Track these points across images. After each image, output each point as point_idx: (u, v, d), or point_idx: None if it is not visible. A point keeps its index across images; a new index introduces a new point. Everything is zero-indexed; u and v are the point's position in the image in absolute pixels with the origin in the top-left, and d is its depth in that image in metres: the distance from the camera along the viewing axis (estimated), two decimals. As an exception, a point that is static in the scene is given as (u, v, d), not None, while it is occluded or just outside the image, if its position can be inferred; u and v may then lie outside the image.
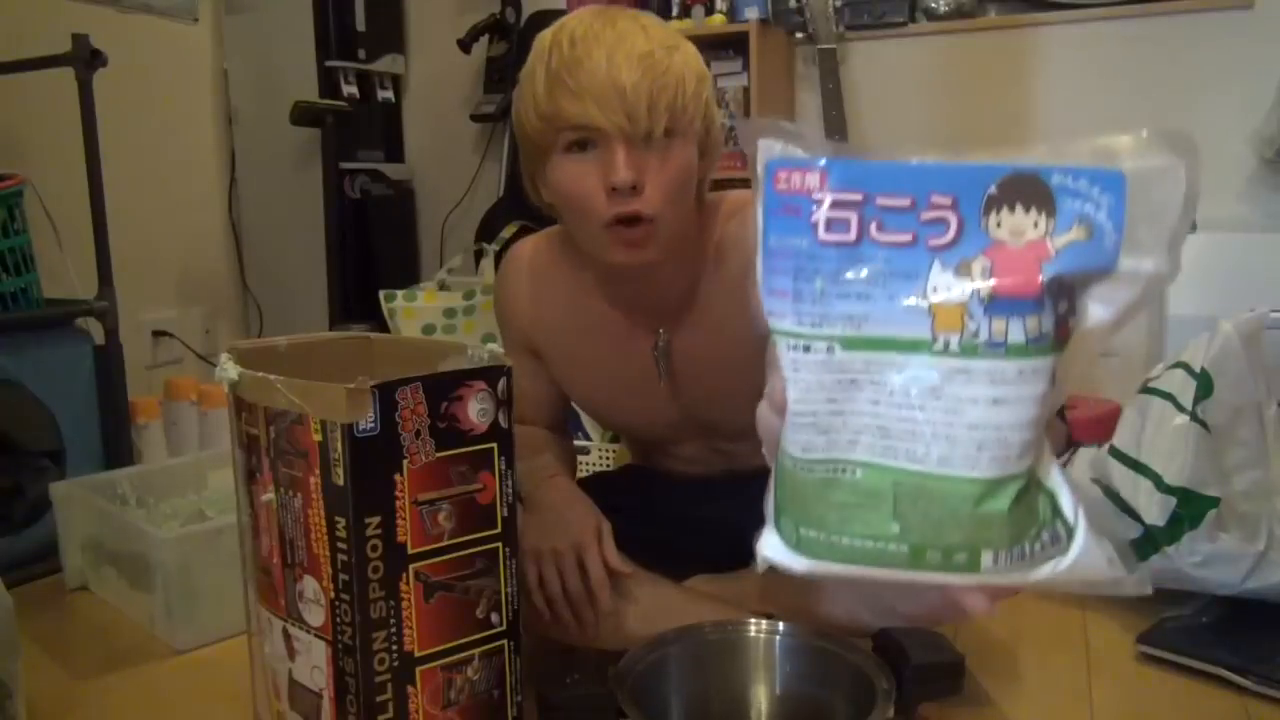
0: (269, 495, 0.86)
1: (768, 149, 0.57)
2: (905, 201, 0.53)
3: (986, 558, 0.57)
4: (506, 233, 2.38)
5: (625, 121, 0.94)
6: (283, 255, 2.82)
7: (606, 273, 1.12)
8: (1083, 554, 0.58)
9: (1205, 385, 1.29)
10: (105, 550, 1.45)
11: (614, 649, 1.10)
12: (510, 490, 0.87)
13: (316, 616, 0.83)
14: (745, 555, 1.23)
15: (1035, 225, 0.52)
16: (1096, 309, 0.54)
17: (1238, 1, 2.16)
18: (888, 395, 0.54)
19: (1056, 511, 0.57)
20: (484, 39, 2.78)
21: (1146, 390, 1.36)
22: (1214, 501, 1.25)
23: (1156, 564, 1.27)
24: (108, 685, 1.23)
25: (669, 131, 0.97)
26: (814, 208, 0.55)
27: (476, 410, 0.83)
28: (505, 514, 0.87)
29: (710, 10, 2.45)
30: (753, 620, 1.04)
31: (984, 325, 0.52)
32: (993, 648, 1.25)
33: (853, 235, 0.54)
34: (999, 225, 0.52)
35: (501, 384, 0.85)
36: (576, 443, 2.12)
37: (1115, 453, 1.34)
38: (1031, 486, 0.56)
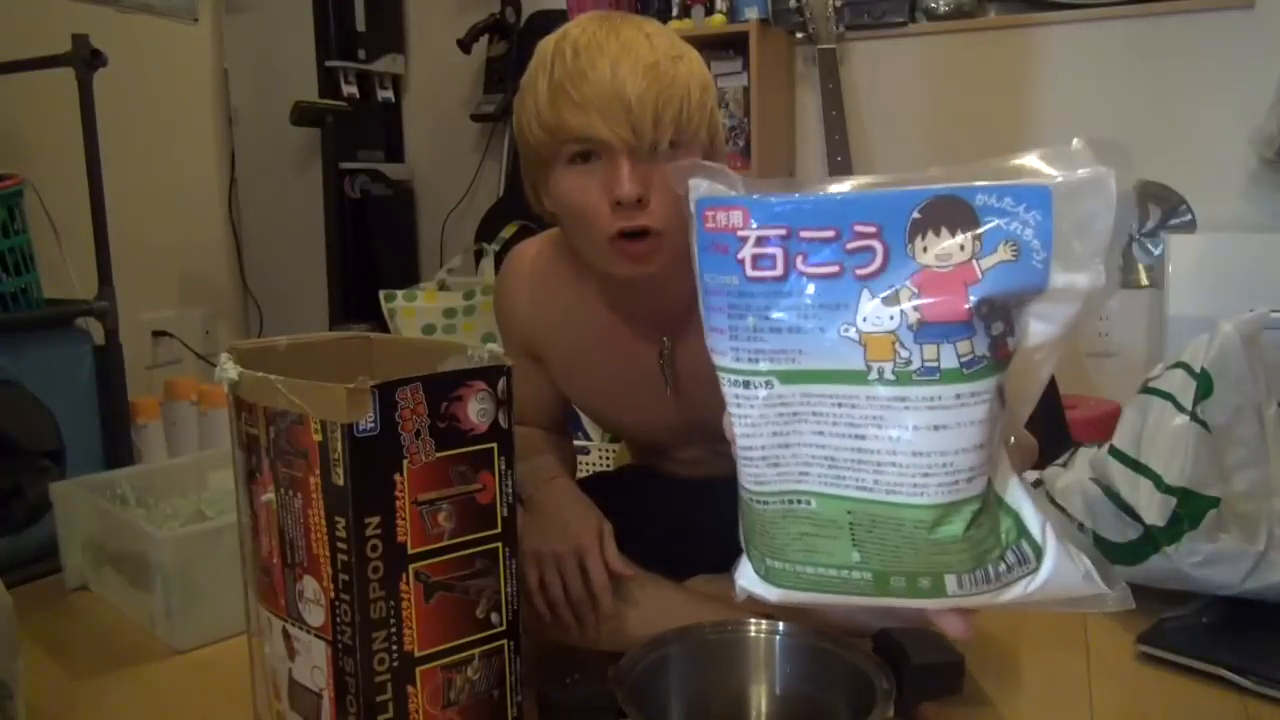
0: (269, 495, 0.86)
1: (696, 188, 0.58)
2: (829, 233, 0.53)
3: (950, 582, 0.57)
4: (506, 233, 2.38)
5: (630, 134, 0.93)
6: (283, 255, 2.82)
7: (609, 281, 1.11)
8: (1055, 572, 0.57)
9: (1205, 385, 1.29)
10: (105, 550, 1.45)
11: (614, 650, 1.10)
12: (510, 490, 0.87)
13: (316, 616, 0.83)
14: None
15: (962, 248, 0.51)
16: (1038, 326, 0.53)
17: (1238, 1, 2.16)
18: (830, 426, 0.55)
19: (1022, 531, 0.57)
20: (484, 39, 2.78)
21: (1146, 390, 1.36)
22: (1214, 501, 1.25)
23: (1156, 564, 1.27)
24: (107, 685, 1.23)
25: (674, 144, 0.95)
26: (740, 245, 0.56)
27: (476, 410, 0.83)
28: (505, 514, 0.87)
29: (710, 10, 2.45)
30: (753, 620, 1.04)
31: (915, 352, 0.52)
32: (993, 648, 1.25)
33: (779, 270, 0.54)
34: (925, 250, 0.52)
35: (501, 384, 0.85)
36: (576, 443, 2.12)
37: (1115, 453, 1.34)
38: (989, 508, 0.56)
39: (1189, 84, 2.22)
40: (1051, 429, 1.86)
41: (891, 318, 0.52)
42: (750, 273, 0.55)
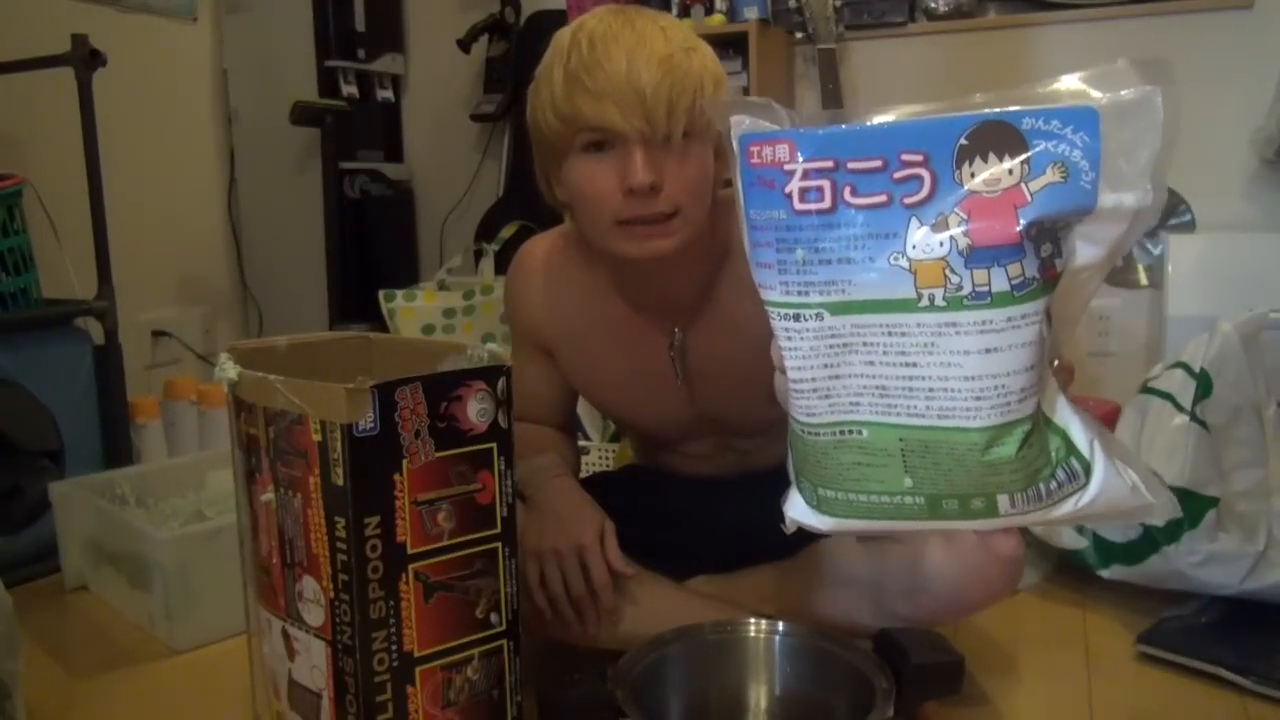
0: (268, 495, 0.86)
1: (739, 124, 0.57)
2: (876, 163, 0.53)
3: (1003, 501, 0.57)
4: (506, 233, 2.38)
5: (644, 124, 0.94)
6: (282, 255, 2.81)
7: (620, 271, 1.12)
8: (1104, 487, 0.57)
9: (1205, 385, 1.29)
10: (105, 550, 1.45)
11: (614, 649, 1.10)
12: (510, 490, 0.87)
13: (316, 616, 0.83)
14: (746, 555, 1.24)
15: (1010, 173, 0.51)
16: (1085, 247, 0.53)
17: (1238, 1, 2.16)
18: (881, 355, 0.55)
19: (1071, 449, 0.57)
20: (484, 39, 2.77)
21: (1146, 390, 1.36)
22: (1213, 501, 1.25)
23: (1156, 564, 1.27)
24: (107, 685, 1.23)
25: (687, 134, 0.96)
26: (787, 179, 0.55)
27: (476, 410, 0.83)
28: (505, 514, 0.87)
29: (710, 10, 2.45)
30: (753, 620, 1.04)
31: (966, 277, 0.52)
32: (993, 647, 1.25)
33: (828, 202, 0.54)
34: (973, 176, 0.52)
35: (501, 384, 0.85)
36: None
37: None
38: (1039, 428, 0.56)
39: (1189, 84, 2.21)
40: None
41: (941, 244, 0.52)
42: (798, 206, 0.55)
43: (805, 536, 1.15)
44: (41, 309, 1.72)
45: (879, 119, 0.54)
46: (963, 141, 0.52)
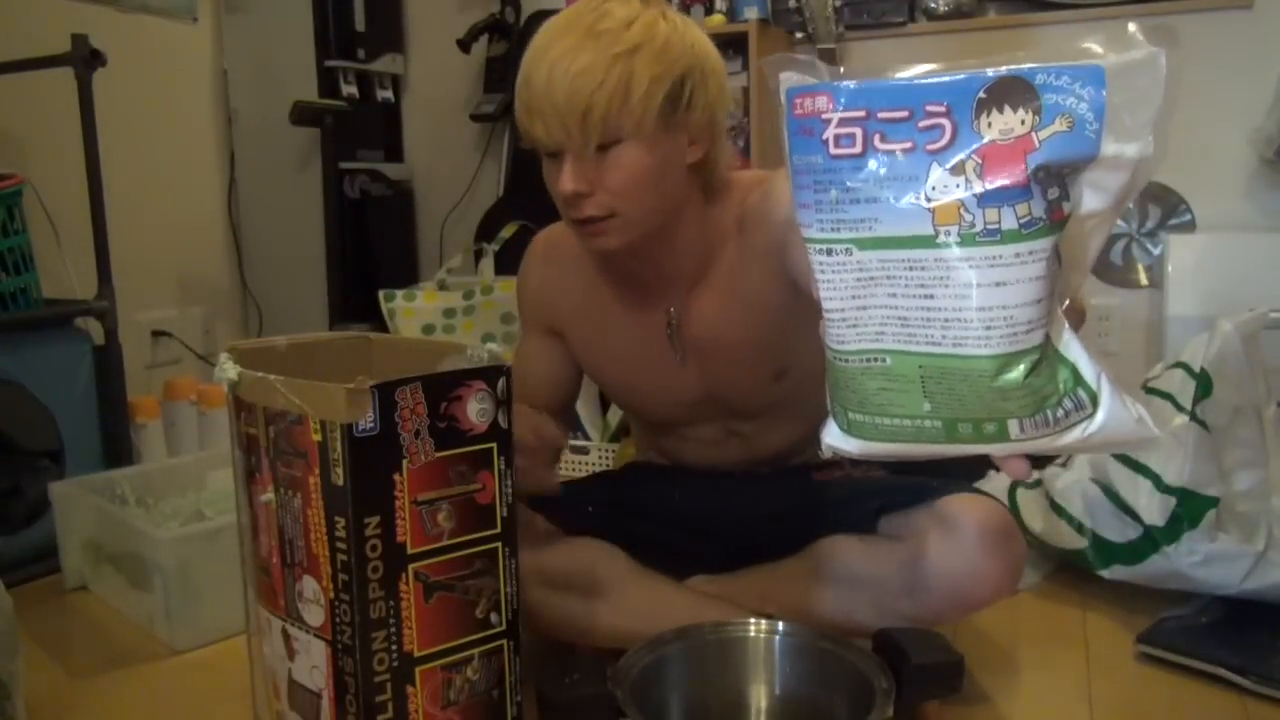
0: (268, 495, 0.86)
1: (786, 80, 0.63)
2: (904, 114, 0.58)
3: (1013, 426, 0.62)
4: (506, 233, 2.38)
5: (563, 137, 0.99)
6: (282, 255, 2.81)
7: (606, 258, 1.16)
8: (1110, 418, 0.62)
9: (1205, 385, 1.29)
10: (105, 550, 1.45)
11: (613, 648, 1.10)
12: (510, 490, 0.87)
13: (316, 616, 0.83)
14: (747, 553, 1.24)
15: (1022, 122, 0.56)
16: (1091, 195, 0.58)
17: (1238, 1, 2.16)
18: (902, 288, 0.60)
19: (1079, 380, 0.62)
20: (484, 39, 2.77)
21: (1146, 390, 1.36)
22: (1213, 501, 1.25)
23: (1156, 564, 1.28)
24: (107, 685, 1.23)
25: (613, 140, 1.00)
26: (824, 127, 0.61)
27: (476, 410, 0.83)
28: (505, 514, 0.86)
29: (710, 10, 2.45)
30: (753, 620, 1.04)
31: (978, 216, 0.57)
32: (993, 647, 1.25)
33: (859, 148, 0.60)
34: (989, 126, 0.57)
35: (501, 384, 0.85)
36: (576, 442, 2.12)
37: (1115, 453, 1.34)
38: (1048, 358, 0.60)
39: (1189, 84, 2.21)
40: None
41: (957, 186, 0.57)
42: (833, 151, 0.60)
43: (805, 535, 1.16)
44: (41, 309, 1.72)
45: (906, 74, 0.59)
46: (981, 95, 0.57)
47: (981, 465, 1.73)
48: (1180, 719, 1.08)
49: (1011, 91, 0.56)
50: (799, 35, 2.48)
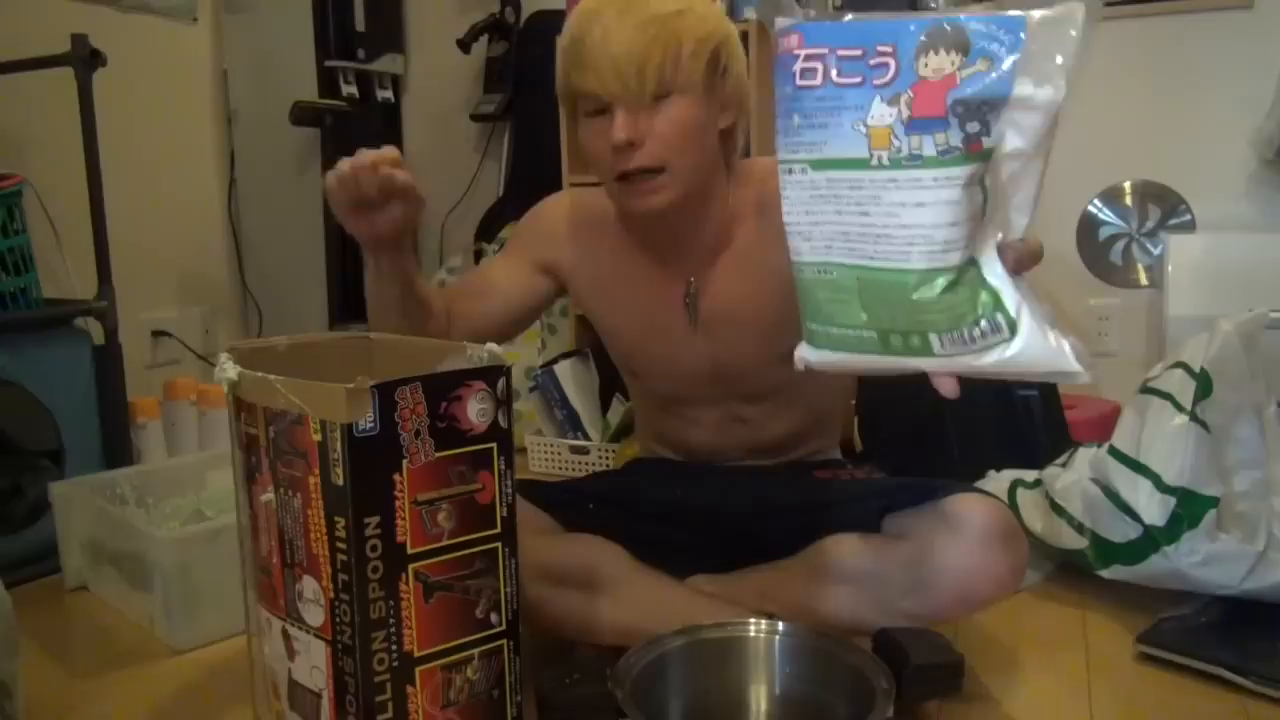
0: (268, 495, 0.86)
1: (780, 24, 0.70)
2: (857, 52, 0.67)
3: (934, 341, 0.69)
4: (506, 233, 2.38)
5: (620, 89, 1.04)
6: (282, 255, 2.81)
7: (639, 223, 1.20)
8: (1028, 345, 0.68)
9: (1205, 385, 1.29)
10: (105, 550, 1.45)
11: (613, 644, 1.10)
12: (510, 490, 0.87)
13: (316, 616, 0.83)
14: (747, 552, 1.25)
15: (952, 63, 0.64)
16: (1012, 135, 0.65)
17: (1238, 1, 2.16)
18: (845, 205, 0.68)
19: (999, 305, 0.68)
20: (484, 39, 2.77)
21: (1146, 390, 1.36)
22: (1213, 501, 1.25)
23: (1156, 564, 1.27)
24: (107, 685, 1.23)
25: (665, 93, 1.05)
26: (794, 60, 0.69)
27: (476, 410, 0.83)
28: (505, 514, 0.87)
29: (710, 10, 2.45)
30: (753, 620, 1.04)
31: (905, 143, 0.65)
32: (993, 647, 1.25)
33: (819, 80, 0.68)
34: (925, 65, 0.65)
35: (501, 384, 0.85)
36: (576, 442, 2.12)
37: (1115, 453, 1.34)
38: (967, 281, 0.68)
39: (1188, 84, 2.22)
40: (1051, 429, 1.86)
41: (891, 115, 0.65)
42: (798, 82, 0.69)
43: (807, 534, 1.16)
44: (41, 309, 1.72)
45: (866, 18, 0.67)
46: (922, 38, 0.65)
47: (980, 466, 1.73)
48: (1180, 719, 1.08)
49: (947, 36, 0.64)
50: (799, 35, 2.48)
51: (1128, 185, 2.30)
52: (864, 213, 0.67)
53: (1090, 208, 2.33)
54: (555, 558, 1.15)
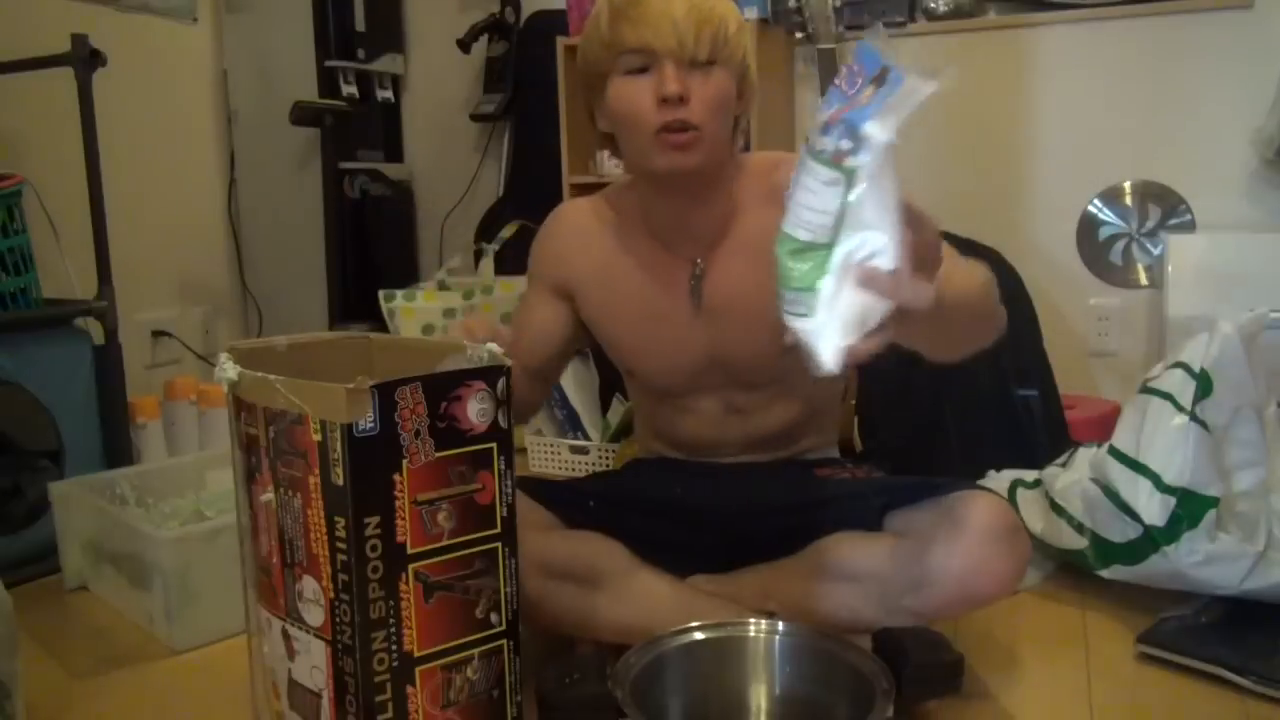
0: (268, 495, 0.86)
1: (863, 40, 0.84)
2: (857, 68, 0.82)
3: (783, 295, 0.85)
4: (506, 233, 2.38)
5: (675, 45, 1.10)
6: (282, 255, 2.81)
7: (649, 200, 1.24)
8: (820, 331, 0.84)
9: (1205, 385, 1.29)
10: (104, 550, 1.45)
11: (612, 642, 1.10)
12: (510, 490, 0.87)
13: (316, 616, 0.83)
14: (747, 551, 1.24)
15: (869, 93, 0.80)
16: (863, 156, 0.79)
17: (1238, 1, 2.16)
18: (798, 181, 0.83)
19: (815, 289, 0.84)
20: (484, 39, 2.77)
21: (1146, 390, 1.36)
22: (1214, 501, 1.25)
23: (1156, 564, 1.27)
24: (107, 685, 1.23)
25: (712, 60, 1.12)
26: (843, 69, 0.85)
27: (476, 410, 0.83)
28: (505, 514, 0.87)
29: (710, 10, 2.45)
30: (753, 620, 1.04)
31: (816, 141, 0.81)
32: (993, 647, 1.25)
33: (844, 86, 0.83)
34: (864, 91, 0.80)
35: (501, 384, 0.85)
36: (576, 443, 2.12)
37: (1115, 453, 1.34)
38: (816, 260, 0.83)
39: (1189, 84, 2.22)
40: (1051, 429, 1.86)
41: (820, 125, 0.81)
42: (840, 86, 0.84)
43: (808, 533, 1.16)
44: (41, 309, 1.72)
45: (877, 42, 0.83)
46: (874, 73, 0.80)
47: (980, 466, 1.73)
48: (1180, 719, 1.08)
49: (879, 75, 0.80)
50: (799, 35, 2.48)
51: (1128, 185, 2.30)
52: (800, 189, 0.83)
53: (1090, 208, 2.33)
54: (555, 553, 1.15)
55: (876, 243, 0.82)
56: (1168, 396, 1.31)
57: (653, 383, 1.32)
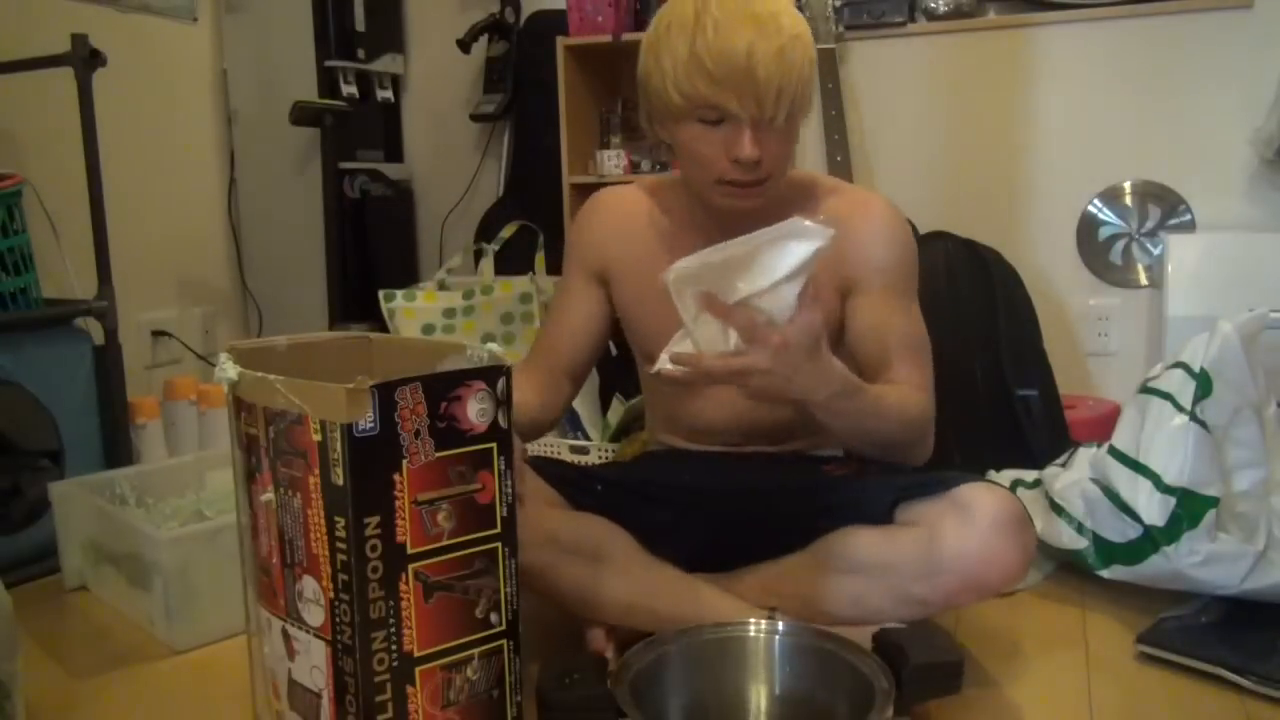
0: (268, 495, 0.86)
1: None
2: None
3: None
4: (506, 232, 2.38)
5: (756, 109, 1.09)
6: (282, 255, 2.81)
7: (697, 218, 1.25)
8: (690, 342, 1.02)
9: (1205, 385, 1.29)
10: (104, 550, 1.45)
11: (614, 622, 1.11)
12: (510, 490, 0.87)
13: (316, 616, 0.83)
14: (754, 542, 1.25)
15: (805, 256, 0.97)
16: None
17: (1238, 1, 2.16)
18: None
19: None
20: (484, 39, 2.77)
21: (1146, 390, 1.36)
22: (1214, 501, 1.25)
23: (1156, 564, 1.28)
24: (107, 685, 1.23)
25: (789, 116, 1.11)
26: None
27: (476, 410, 0.83)
28: (504, 514, 0.87)
29: (710, 10, 2.45)
30: (753, 620, 1.04)
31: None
32: (993, 647, 1.25)
33: None
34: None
35: (501, 384, 0.85)
36: (576, 442, 2.12)
37: (1115, 453, 1.34)
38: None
39: (1189, 84, 2.22)
40: (1051, 429, 1.86)
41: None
42: None
43: (816, 528, 1.17)
44: (41, 309, 1.72)
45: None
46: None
47: (980, 466, 1.73)
48: (1180, 719, 1.08)
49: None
50: (799, 35, 2.48)
51: (1127, 185, 2.30)
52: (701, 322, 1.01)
53: (1090, 208, 2.33)
54: (562, 529, 1.16)
55: (774, 304, 0.96)
56: (1168, 396, 1.31)
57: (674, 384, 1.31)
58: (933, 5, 2.40)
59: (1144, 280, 2.31)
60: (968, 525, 1.07)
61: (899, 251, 1.25)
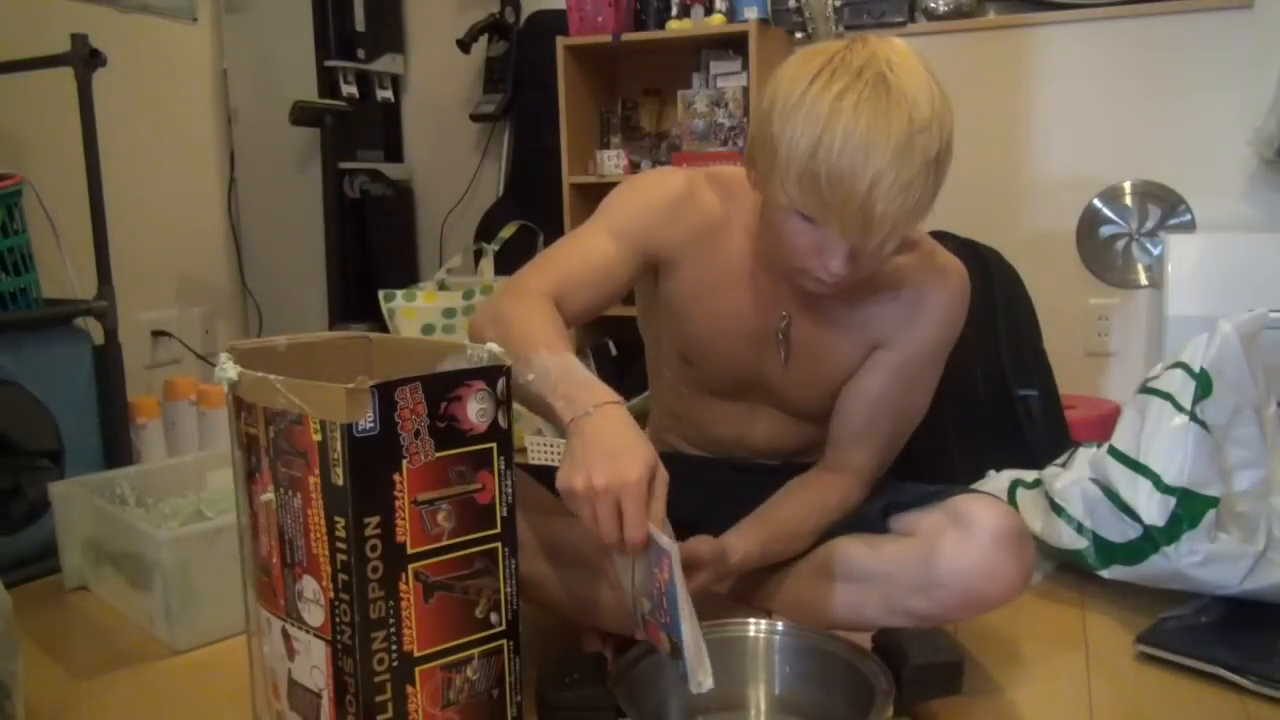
0: (268, 495, 0.86)
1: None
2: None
3: None
4: (506, 233, 2.38)
5: (860, 239, 0.99)
6: (282, 255, 2.81)
7: (761, 246, 1.16)
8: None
9: (1205, 385, 1.29)
10: (104, 550, 1.45)
11: (611, 630, 1.11)
12: (509, 489, 0.87)
13: (316, 616, 0.83)
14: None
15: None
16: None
17: (1238, 1, 2.16)
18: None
19: None
20: (483, 39, 2.77)
21: (1146, 390, 1.36)
22: (1213, 501, 1.25)
23: (1156, 564, 1.27)
24: (107, 685, 1.23)
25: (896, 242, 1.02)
26: None
27: (476, 410, 0.83)
28: (504, 514, 0.86)
29: (710, 10, 2.45)
30: (753, 620, 1.04)
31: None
32: (993, 647, 1.25)
33: None
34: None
35: (501, 384, 0.85)
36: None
37: (1115, 453, 1.34)
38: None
39: (1188, 84, 2.22)
40: (1051, 429, 1.86)
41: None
42: None
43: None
44: (41, 309, 1.72)
45: None
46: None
47: (980, 466, 1.73)
48: (1180, 719, 1.08)
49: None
50: (799, 35, 2.48)
51: (1128, 185, 2.30)
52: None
53: (1090, 207, 2.33)
54: (558, 536, 1.15)
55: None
56: (1167, 396, 1.31)
57: (702, 379, 1.29)
58: (933, 5, 2.40)
59: (1144, 280, 2.31)
60: (968, 540, 1.06)
61: (946, 334, 1.20)
